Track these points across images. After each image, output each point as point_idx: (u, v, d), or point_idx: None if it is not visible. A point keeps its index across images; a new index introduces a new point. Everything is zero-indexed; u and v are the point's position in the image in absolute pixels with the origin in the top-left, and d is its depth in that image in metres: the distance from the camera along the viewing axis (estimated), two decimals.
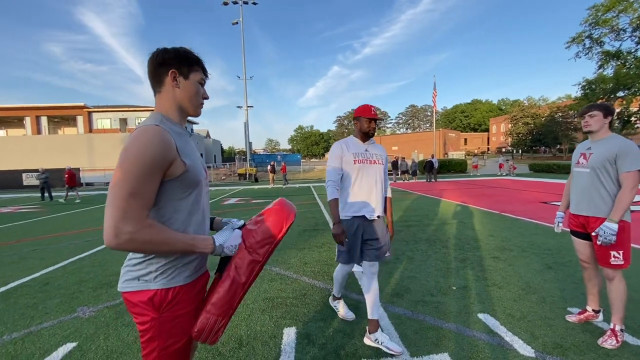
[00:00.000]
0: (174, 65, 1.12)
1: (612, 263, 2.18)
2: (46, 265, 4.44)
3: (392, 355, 2.15)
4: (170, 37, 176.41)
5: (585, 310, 2.52)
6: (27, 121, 35.92)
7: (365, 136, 2.41)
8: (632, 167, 2.10)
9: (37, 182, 15.82)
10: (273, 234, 1.18)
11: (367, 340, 2.31)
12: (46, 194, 14.47)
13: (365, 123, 2.34)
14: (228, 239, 1.14)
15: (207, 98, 1.23)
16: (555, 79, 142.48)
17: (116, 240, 0.94)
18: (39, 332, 2.62)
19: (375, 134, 2.46)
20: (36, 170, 16.02)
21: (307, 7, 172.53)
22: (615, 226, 2.09)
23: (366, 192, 2.33)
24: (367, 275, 2.39)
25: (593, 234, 2.22)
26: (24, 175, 25.28)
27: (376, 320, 2.30)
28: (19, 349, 2.38)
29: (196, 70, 1.16)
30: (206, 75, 1.22)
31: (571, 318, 2.54)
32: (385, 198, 2.54)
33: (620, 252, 2.16)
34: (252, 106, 29.03)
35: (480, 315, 2.66)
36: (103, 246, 5.39)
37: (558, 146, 47.34)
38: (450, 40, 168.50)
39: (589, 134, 2.35)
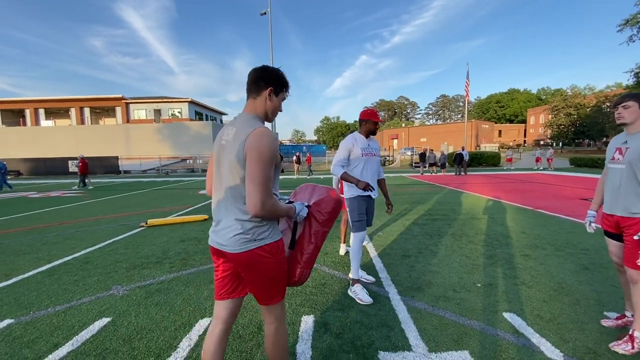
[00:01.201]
0: (272, 83, 1.50)
1: (638, 264, 2.02)
2: (86, 245, 4.80)
3: (409, 349, 2.13)
4: (201, 30, 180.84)
5: (624, 316, 2.34)
6: (72, 112, 38.50)
7: (369, 134, 3.02)
8: None
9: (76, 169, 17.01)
10: (335, 215, 1.67)
11: (349, 292, 2.94)
12: (87, 180, 15.52)
13: (372, 125, 2.97)
14: (301, 209, 1.59)
15: (281, 111, 1.60)
16: (604, 66, 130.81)
17: (262, 210, 1.34)
18: (78, 306, 2.84)
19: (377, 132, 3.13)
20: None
21: None
22: None
23: (369, 177, 2.95)
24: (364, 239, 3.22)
25: (635, 237, 2.04)
26: (69, 162, 27.25)
27: (357, 279, 2.95)
28: (61, 320, 2.60)
29: (284, 92, 1.57)
30: (288, 94, 1.62)
31: (607, 323, 2.37)
32: (379, 180, 3.17)
33: None
34: None
35: (506, 315, 2.55)
36: (136, 230, 5.73)
37: (604, 139, 43.73)
38: (485, 26, 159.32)
39: (623, 126, 2.14)
